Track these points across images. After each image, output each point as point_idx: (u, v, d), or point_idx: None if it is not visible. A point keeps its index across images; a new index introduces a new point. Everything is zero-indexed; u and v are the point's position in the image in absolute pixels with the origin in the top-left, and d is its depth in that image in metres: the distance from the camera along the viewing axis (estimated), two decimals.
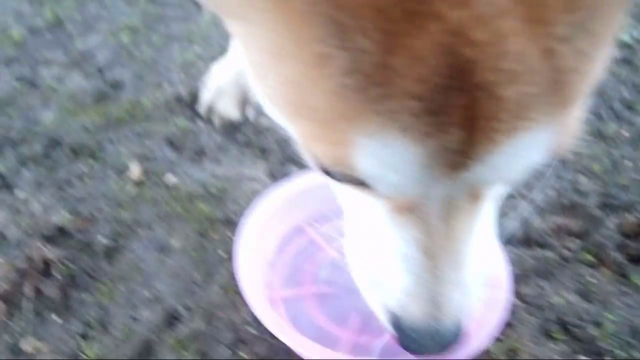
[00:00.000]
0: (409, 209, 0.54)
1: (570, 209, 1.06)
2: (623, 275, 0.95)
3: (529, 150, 0.45)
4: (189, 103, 1.30)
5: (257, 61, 0.49)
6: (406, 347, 0.64)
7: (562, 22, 0.38)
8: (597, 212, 1.05)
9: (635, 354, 0.86)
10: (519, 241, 1.00)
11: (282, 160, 1.16)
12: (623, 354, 0.86)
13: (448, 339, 0.63)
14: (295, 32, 0.41)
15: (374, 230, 0.60)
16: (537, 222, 1.03)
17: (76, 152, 1.19)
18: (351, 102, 0.41)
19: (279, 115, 0.52)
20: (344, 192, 0.61)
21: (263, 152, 1.18)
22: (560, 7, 0.37)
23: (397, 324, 0.63)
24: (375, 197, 0.55)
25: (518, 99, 0.39)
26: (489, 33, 0.36)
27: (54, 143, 1.20)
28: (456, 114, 0.40)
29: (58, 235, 1.02)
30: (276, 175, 1.13)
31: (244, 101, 1.25)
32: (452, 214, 0.55)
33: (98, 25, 1.55)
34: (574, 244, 1.00)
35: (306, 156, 0.54)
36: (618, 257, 0.98)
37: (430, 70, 0.37)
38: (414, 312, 0.61)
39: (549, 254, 0.98)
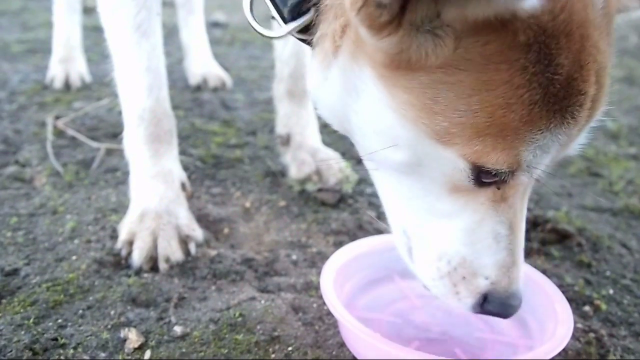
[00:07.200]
0: (506, 197, 0.79)
1: None
2: None
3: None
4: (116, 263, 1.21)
5: (455, 105, 0.70)
6: (499, 313, 0.84)
7: (609, 66, 0.76)
8: None
9: None
10: None
11: (260, 274, 1.21)
12: None
13: (522, 297, 0.84)
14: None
15: (470, 224, 0.80)
16: None
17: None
18: (535, 114, 0.69)
19: (446, 147, 0.72)
20: (448, 200, 0.80)
21: (234, 275, 1.20)
22: (609, 62, 0.75)
23: (490, 298, 0.82)
24: (486, 194, 0.78)
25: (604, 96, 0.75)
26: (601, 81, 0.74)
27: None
28: (585, 107, 0.72)
29: None
30: (268, 285, 1.17)
31: (185, 239, 1.25)
32: (525, 195, 0.82)
33: None
34: None
35: (460, 175, 0.75)
36: None
37: (583, 93, 0.71)
38: (503, 282, 0.82)
39: None
